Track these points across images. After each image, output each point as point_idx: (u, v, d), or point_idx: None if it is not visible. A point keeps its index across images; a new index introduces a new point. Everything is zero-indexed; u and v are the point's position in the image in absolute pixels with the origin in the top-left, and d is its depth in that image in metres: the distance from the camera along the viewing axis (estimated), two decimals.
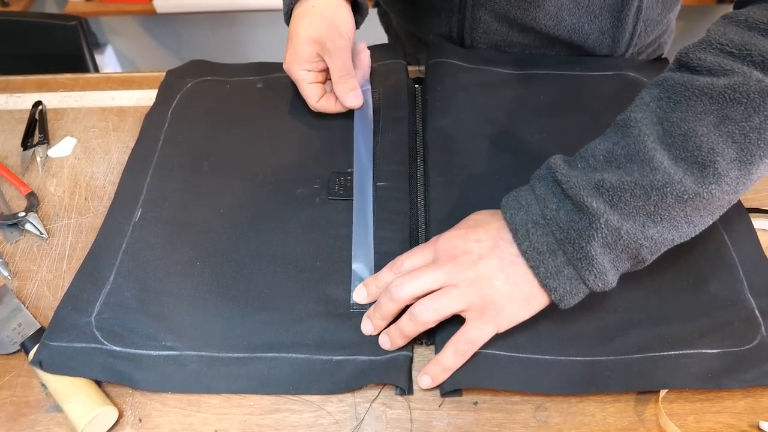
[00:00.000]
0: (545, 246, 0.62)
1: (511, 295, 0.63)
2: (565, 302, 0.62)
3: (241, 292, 0.70)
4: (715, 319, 0.66)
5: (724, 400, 0.62)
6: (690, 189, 0.58)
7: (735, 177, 0.58)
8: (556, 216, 0.62)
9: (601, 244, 0.60)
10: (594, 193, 0.60)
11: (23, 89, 1.03)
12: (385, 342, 0.65)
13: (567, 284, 0.61)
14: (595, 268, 0.60)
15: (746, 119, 0.57)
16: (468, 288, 0.63)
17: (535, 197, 0.64)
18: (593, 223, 0.60)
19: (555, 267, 0.61)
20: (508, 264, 0.64)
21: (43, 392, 0.64)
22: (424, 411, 0.62)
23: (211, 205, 0.78)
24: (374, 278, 0.69)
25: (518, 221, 0.64)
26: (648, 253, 0.61)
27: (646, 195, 0.59)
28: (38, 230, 0.79)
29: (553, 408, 0.62)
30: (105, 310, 0.68)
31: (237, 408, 0.62)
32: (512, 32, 0.98)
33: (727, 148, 0.57)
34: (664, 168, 0.58)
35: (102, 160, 0.89)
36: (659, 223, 0.60)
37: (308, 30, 0.84)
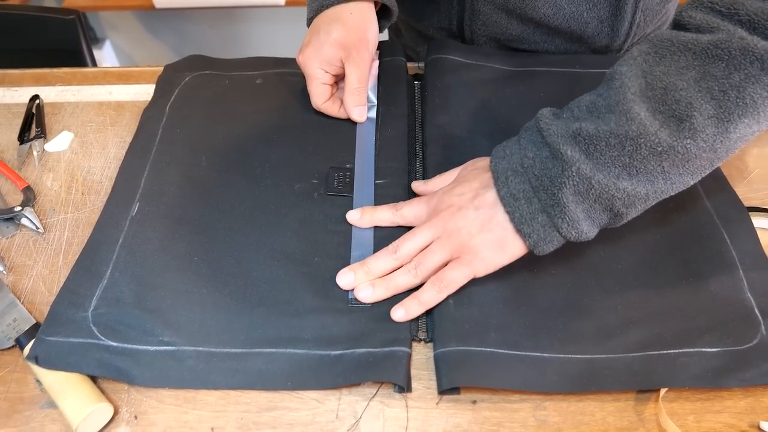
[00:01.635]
0: (521, 193, 0.65)
1: (485, 241, 0.67)
2: (540, 248, 0.65)
3: (239, 287, 0.69)
4: (715, 318, 0.66)
5: (725, 399, 0.62)
6: (664, 141, 0.59)
7: (711, 134, 0.58)
8: (532, 164, 0.64)
9: (572, 192, 0.62)
10: (570, 142, 0.62)
11: (20, 83, 1.02)
12: (367, 291, 0.68)
13: (541, 231, 0.64)
14: (567, 215, 0.62)
15: (726, 76, 0.57)
16: (448, 239, 0.68)
17: (519, 146, 0.67)
18: (565, 171, 0.62)
19: (529, 213, 0.64)
20: (484, 211, 0.67)
21: (38, 388, 0.64)
22: (421, 409, 0.62)
23: (208, 200, 0.78)
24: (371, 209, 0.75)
25: (500, 169, 0.67)
26: (622, 205, 0.62)
27: (620, 145, 0.60)
28: (34, 225, 0.78)
29: (552, 407, 0.62)
30: (101, 305, 0.67)
31: (233, 405, 0.62)
32: (511, 23, 0.98)
33: (706, 104, 0.58)
34: (641, 119, 0.59)
35: (99, 155, 0.89)
36: (634, 176, 0.61)
37: (340, 33, 0.84)
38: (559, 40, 0.99)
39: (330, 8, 0.86)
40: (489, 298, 0.67)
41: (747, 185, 0.82)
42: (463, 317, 0.66)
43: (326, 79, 0.87)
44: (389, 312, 0.67)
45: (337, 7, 0.86)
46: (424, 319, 0.68)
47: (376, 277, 0.69)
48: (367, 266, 0.69)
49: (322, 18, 0.87)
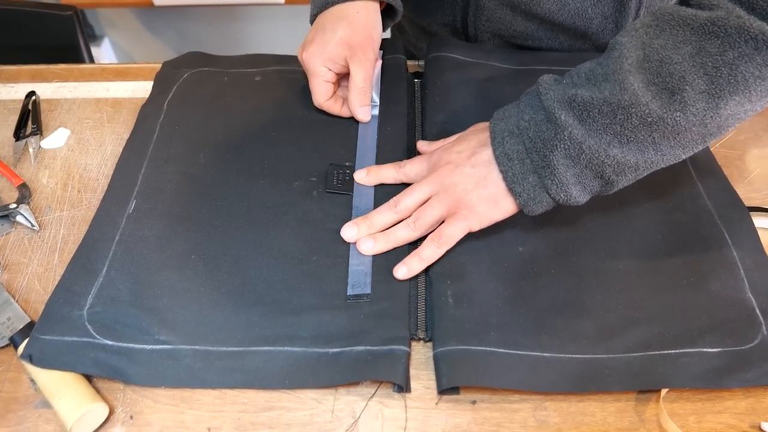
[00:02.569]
0: (515, 153, 0.68)
1: (480, 196, 0.70)
2: (529, 208, 0.68)
3: (237, 285, 0.69)
4: (716, 318, 0.65)
5: (725, 400, 0.62)
6: (654, 113, 0.61)
7: (702, 108, 0.60)
8: (528, 126, 0.67)
9: (563, 156, 0.64)
10: (565, 107, 0.64)
11: (17, 79, 1.02)
12: (369, 243, 0.71)
13: (531, 191, 0.67)
14: (557, 178, 0.65)
15: (721, 53, 0.58)
16: (445, 194, 0.71)
17: (517, 109, 0.70)
18: (558, 134, 0.64)
19: (521, 173, 0.67)
20: (480, 169, 0.70)
21: (32, 388, 0.63)
22: (421, 410, 0.61)
23: (206, 198, 0.77)
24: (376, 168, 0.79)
25: (497, 129, 0.70)
26: (612, 172, 0.65)
27: (612, 113, 0.62)
28: (29, 222, 0.78)
29: (552, 407, 0.61)
30: (97, 303, 0.67)
31: (231, 405, 0.61)
32: (516, 19, 0.97)
33: (698, 79, 0.59)
34: (634, 90, 0.61)
35: (96, 152, 0.88)
36: (625, 145, 0.63)
37: (346, 32, 0.83)
38: (563, 37, 0.98)
39: (336, 6, 0.85)
40: (489, 297, 0.67)
41: (748, 185, 0.82)
42: (462, 316, 0.65)
43: (329, 77, 0.86)
44: (388, 308, 0.66)
45: (343, 5, 0.85)
46: (424, 317, 0.67)
47: (378, 231, 0.73)
48: (370, 220, 0.73)
49: (328, 15, 0.85)
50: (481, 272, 0.69)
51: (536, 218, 0.74)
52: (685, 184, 0.79)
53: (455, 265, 0.70)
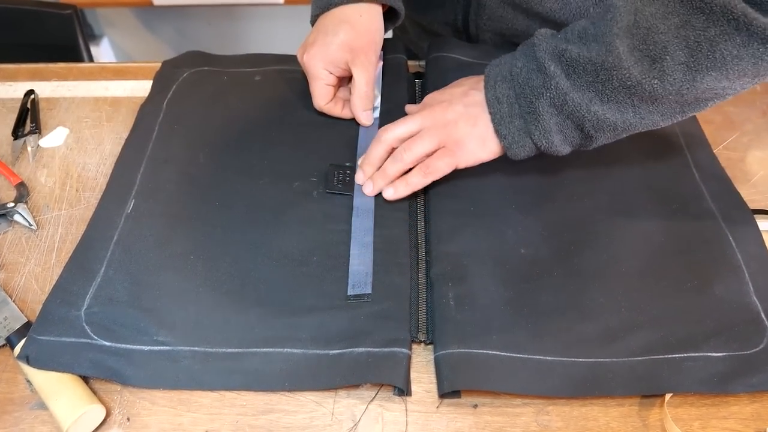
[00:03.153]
0: (505, 97, 0.71)
1: (470, 134, 0.73)
2: (512, 151, 0.72)
3: (236, 286, 0.68)
4: (720, 322, 0.65)
5: (730, 405, 0.61)
6: (634, 77, 0.63)
7: (679, 79, 0.63)
8: (519, 72, 0.70)
9: (548, 104, 0.68)
10: (555, 59, 0.68)
11: (15, 78, 1.01)
12: (368, 186, 0.76)
13: (515, 134, 0.71)
14: (541, 124, 0.69)
15: (704, 29, 0.60)
16: (436, 129, 0.74)
17: (512, 57, 0.73)
18: (546, 83, 0.68)
19: (508, 116, 0.71)
20: (471, 109, 0.74)
21: (28, 389, 0.63)
22: (421, 413, 0.61)
23: (206, 198, 0.77)
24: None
25: (492, 74, 0.73)
26: (591, 127, 0.68)
27: (595, 72, 0.65)
28: (27, 221, 0.77)
29: (555, 412, 0.60)
30: (95, 304, 0.66)
31: (229, 408, 0.61)
32: (517, 17, 0.96)
33: (679, 51, 0.61)
34: (618, 53, 0.63)
35: (94, 151, 0.87)
36: (606, 103, 0.66)
37: (348, 35, 0.83)
38: None
39: (338, 7, 0.85)
40: (491, 300, 0.66)
41: (751, 187, 0.81)
42: (464, 319, 0.64)
43: (330, 80, 0.85)
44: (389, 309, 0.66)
45: (345, 7, 0.84)
46: (425, 320, 0.67)
47: (375, 167, 0.77)
48: (368, 158, 0.78)
49: (329, 17, 0.85)
50: (483, 274, 0.69)
51: (538, 220, 0.74)
52: (688, 186, 0.78)
53: (456, 267, 0.69)
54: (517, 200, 0.76)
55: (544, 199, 0.77)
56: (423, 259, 0.72)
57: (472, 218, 0.74)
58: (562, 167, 0.80)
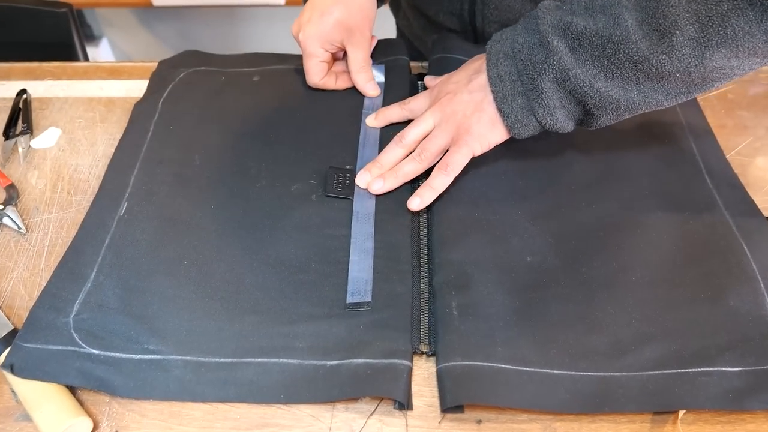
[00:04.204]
0: (507, 74, 0.69)
1: (479, 120, 0.72)
2: (517, 130, 0.71)
3: (231, 293, 0.66)
4: (735, 335, 0.62)
5: (747, 423, 0.58)
6: (641, 51, 0.62)
7: (687, 55, 0.61)
8: (521, 48, 0.69)
9: (551, 80, 0.66)
10: (559, 33, 0.66)
11: (8, 77, 0.99)
12: (378, 183, 0.74)
13: (519, 112, 0.69)
14: (544, 101, 0.67)
15: (716, 3, 0.58)
16: (447, 123, 0.74)
17: (514, 32, 0.71)
18: (548, 58, 0.66)
19: (511, 94, 0.69)
20: (477, 93, 0.73)
21: (13, 399, 0.60)
22: (423, 429, 0.58)
23: (201, 201, 0.75)
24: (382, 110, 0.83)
25: (493, 52, 0.71)
26: (593, 105, 0.67)
27: (602, 45, 0.63)
28: (16, 224, 0.75)
29: (562, 428, 0.58)
30: (84, 310, 0.64)
31: (222, 422, 0.58)
32: (525, 7, 0.95)
33: (690, 26, 0.59)
34: (626, 26, 0.62)
35: (87, 153, 0.85)
36: (610, 80, 0.65)
37: (343, 14, 0.84)
38: None
39: None
40: (496, 310, 0.64)
41: (766, 194, 0.79)
42: (468, 330, 0.62)
43: (325, 57, 0.87)
44: (390, 318, 0.63)
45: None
46: (427, 330, 0.64)
47: (389, 169, 0.75)
48: (379, 162, 0.76)
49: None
50: (488, 283, 0.66)
51: (545, 226, 0.71)
52: (700, 193, 0.76)
53: (460, 275, 0.67)
54: (523, 206, 0.74)
55: (551, 206, 0.74)
56: (425, 267, 0.70)
57: (477, 224, 0.72)
58: (570, 171, 0.78)
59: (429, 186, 0.72)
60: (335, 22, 0.84)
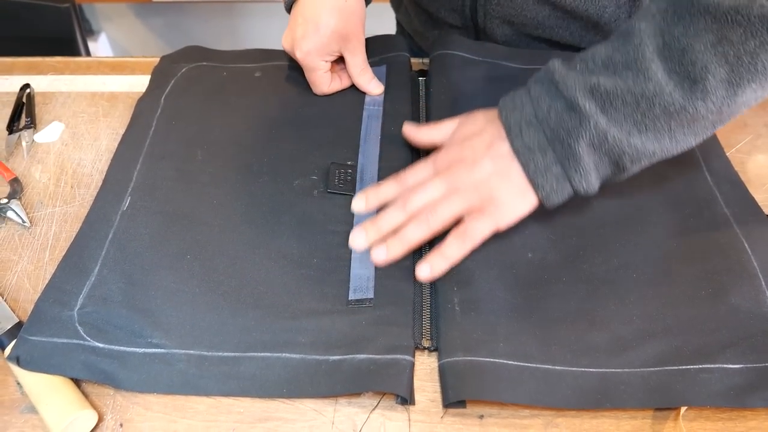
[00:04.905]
0: (536, 144, 0.66)
1: (507, 192, 0.68)
2: (551, 200, 0.67)
3: (234, 287, 0.66)
4: (737, 332, 0.62)
5: (748, 420, 0.59)
6: (677, 101, 0.61)
7: (721, 96, 0.60)
8: (547, 115, 0.65)
9: (587, 144, 0.63)
10: (588, 96, 0.63)
11: (11, 71, 0.99)
12: (381, 253, 0.68)
13: (554, 182, 0.65)
14: (581, 167, 0.64)
15: (743, 42, 0.58)
16: (467, 191, 0.68)
17: (530, 98, 0.68)
18: (583, 123, 0.63)
19: (544, 164, 0.65)
20: (501, 163, 0.68)
21: (19, 391, 0.61)
22: (425, 423, 0.59)
23: (203, 196, 0.75)
24: (375, 189, 0.73)
25: (512, 121, 0.68)
26: (629, 161, 0.65)
27: (635, 102, 0.62)
28: (20, 218, 0.75)
29: (564, 424, 0.58)
30: (88, 304, 0.64)
31: (225, 415, 0.59)
32: (527, 3, 0.94)
33: (720, 68, 0.59)
34: (657, 79, 0.61)
35: (90, 147, 0.85)
36: (644, 133, 0.63)
37: (338, 23, 0.82)
38: (575, 26, 0.96)
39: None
40: (498, 306, 0.64)
41: (766, 192, 0.79)
42: (470, 325, 0.62)
43: (328, 67, 0.86)
44: (392, 314, 0.64)
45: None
46: (429, 325, 0.65)
47: (388, 233, 0.69)
48: (378, 224, 0.70)
49: (310, 4, 0.84)
50: (489, 279, 0.67)
51: (546, 223, 0.71)
52: (701, 191, 0.76)
53: (462, 271, 0.67)
54: None
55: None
56: None
57: None
58: None
59: (441, 254, 0.67)
60: (332, 33, 0.82)
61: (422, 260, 0.67)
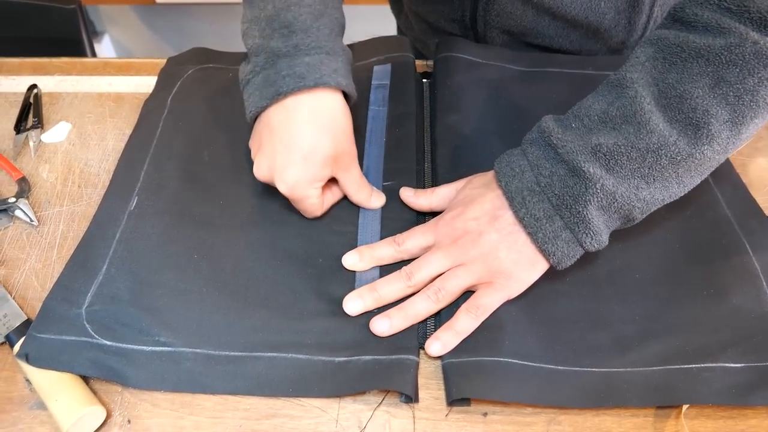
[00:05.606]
0: (542, 212, 0.63)
1: (516, 263, 0.65)
2: (563, 264, 0.64)
3: (240, 287, 0.67)
4: (738, 332, 0.63)
5: (749, 418, 0.59)
6: (684, 150, 0.59)
7: (726, 137, 0.59)
8: (550, 182, 0.62)
9: (596, 207, 0.61)
10: (591, 158, 0.61)
11: (19, 72, 1.00)
12: (384, 324, 0.63)
13: (565, 247, 0.63)
14: (592, 230, 0.61)
15: (741, 81, 0.57)
16: (474, 264, 0.65)
17: (528, 163, 0.65)
18: (589, 188, 0.60)
19: (553, 232, 0.62)
20: (507, 234, 0.65)
21: (27, 388, 0.61)
22: (429, 421, 0.59)
23: (210, 196, 0.76)
24: (369, 248, 0.70)
25: (513, 189, 0.64)
26: (639, 213, 0.62)
27: (641, 157, 0.60)
28: (28, 217, 0.76)
29: (567, 422, 0.59)
30: (96, 302, 0.65)
31: (232, 412, 0.59)
32: (527, 13, 0.95)
33: (721, 110, 0.58)
34: (660, 130, 0.59)
35: (97, 147, 0.86)
36: (651, 185, 0.61)
37: (329, 148, 0.70)
38: (575, 35, 0.97)
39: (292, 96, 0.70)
40: (502, 307, 0.65)
41: (767, 194, 0.80)
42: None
43: (319, 193, 0.72)
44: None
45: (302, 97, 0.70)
46: (433, 326, 0.65)
47: (386, 303, 0.65)
48: (377, 292, 0.65)
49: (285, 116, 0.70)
50: None
51: None
52: (702, 192, 0.76)
53: None
54: None
55: None
56: None
57: None
58: None
59: (453, 329, 0.63)
60: (323, 161, 0.69)
61: (433, 337, 0.63)
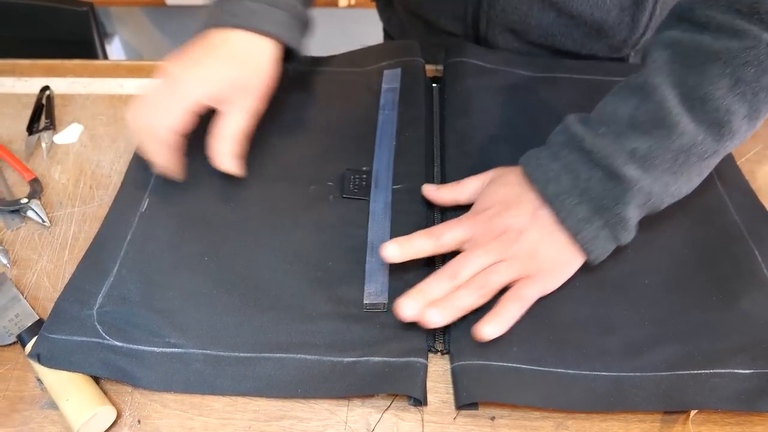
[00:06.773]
0: (581, 214, 0.65)
1: (555, 261, 0.67)
2: (599, 260, 0.67)
3: (250, 289, 0.67)
4: (747, 338, 0.63)
5: (756, 425, 0.59)
6: (710, 148, 0.63)
7: (744, 131, 0.64)
8: (587, 186, 0.65)
9: (635, 207, 0.65)
10: (628, 161, 0.64)
11: (31, 73, 1.00)
12: (437, 317, 0.62)
13: (603, 245, 0.66)
14: (629, 227, 0.65)
15: (756, 80, 0.61)
16: (515, 260, 0.66)
17: (563, 167, 0.67)
18: (628, 191, 0.64)
19: (593, 231, 0.65)
20: (548, 233, 0.67)
21: (39, 388, 0.62)
22: (437, 424, 0.59)
23: (220, 199, 0.76)
24: (408, 240, 0.68)
25: (551, 193, 0.67)
26: (665, 205, 0.67)
27: (673, 158, 0.63)
28: (40, 218, 0.76)
29: (574, 427, 0.59)
30: (107, 303, 0.65)
31: (241, 413, 0.60)
32: (532, 9, 0.95)
33: (740, 108, 0.62)
34: (689, 131, 0.62)
35: (109, 148, 0.86)
36: (679, 179, 0.65)
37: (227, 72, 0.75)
38: (578, 33, 0.97)
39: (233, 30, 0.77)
40: None
41: None
42: None
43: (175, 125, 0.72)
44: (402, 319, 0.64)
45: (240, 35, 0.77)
46: (442, 330, 0.65)
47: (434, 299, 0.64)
48: (424, 293, 0.64)
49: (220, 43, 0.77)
50: None
51: None
52: (712, 198, 0.76)
53: None
54: None
55: None
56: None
57: None
58: None
59: (500, 317, 0.63)
60: (217, 80, 0.74)
61: (482, 322, 0.62)
